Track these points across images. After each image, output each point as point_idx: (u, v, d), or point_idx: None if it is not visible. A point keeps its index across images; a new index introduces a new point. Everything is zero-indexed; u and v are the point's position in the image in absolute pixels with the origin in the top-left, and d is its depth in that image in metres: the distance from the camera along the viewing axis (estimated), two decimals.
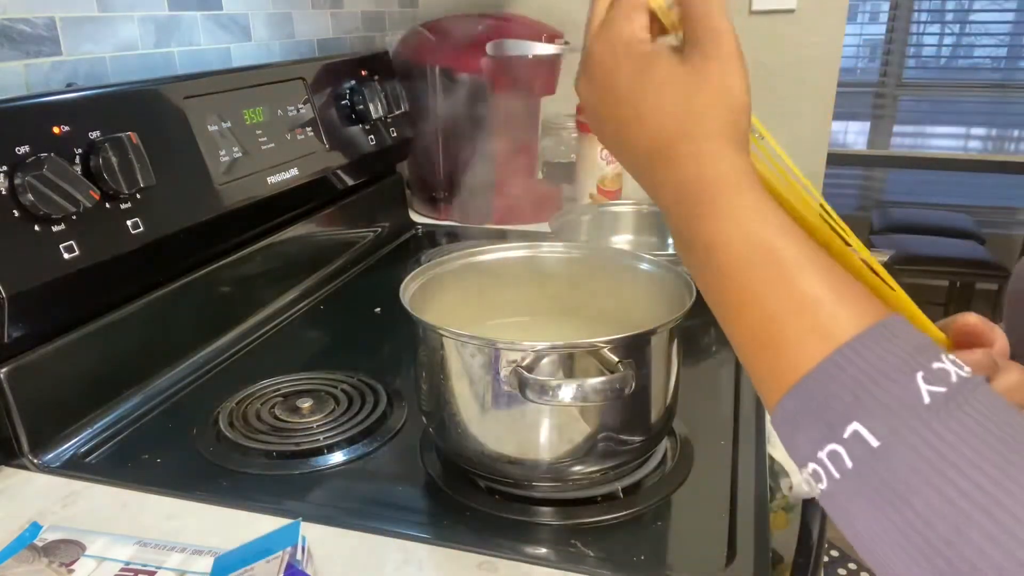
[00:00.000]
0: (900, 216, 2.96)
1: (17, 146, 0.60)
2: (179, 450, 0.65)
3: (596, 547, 0.53)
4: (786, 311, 0.33)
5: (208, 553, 0.50)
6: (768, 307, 0.33)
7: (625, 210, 1.12)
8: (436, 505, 0.58)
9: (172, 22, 0.89)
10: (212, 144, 0.82)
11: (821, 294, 0.32)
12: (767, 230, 0.34)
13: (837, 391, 0.30)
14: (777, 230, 0.34)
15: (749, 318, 0.34)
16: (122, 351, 0.72)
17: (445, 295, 0.64)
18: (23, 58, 0.71)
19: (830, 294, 0.32)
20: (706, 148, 0.37)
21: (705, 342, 0.86)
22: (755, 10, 1.43)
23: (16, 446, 0.62)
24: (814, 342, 0.32)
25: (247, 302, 0.90)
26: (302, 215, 1.01)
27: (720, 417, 0.69)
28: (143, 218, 0.70)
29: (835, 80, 1.46)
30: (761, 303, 0.34)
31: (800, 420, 0.31)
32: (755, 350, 0.35)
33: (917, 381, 0.29)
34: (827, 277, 0.33)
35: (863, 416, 0.29)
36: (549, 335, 0.53)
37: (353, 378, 0.74)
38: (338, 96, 1.07)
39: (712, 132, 0.38)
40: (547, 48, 1.19)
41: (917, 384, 0.29)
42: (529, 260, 0.70)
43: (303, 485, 0.60)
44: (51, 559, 0.49)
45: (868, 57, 3.38)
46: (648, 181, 0.40)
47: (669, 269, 0.64)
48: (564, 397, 0.49)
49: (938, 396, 0.29)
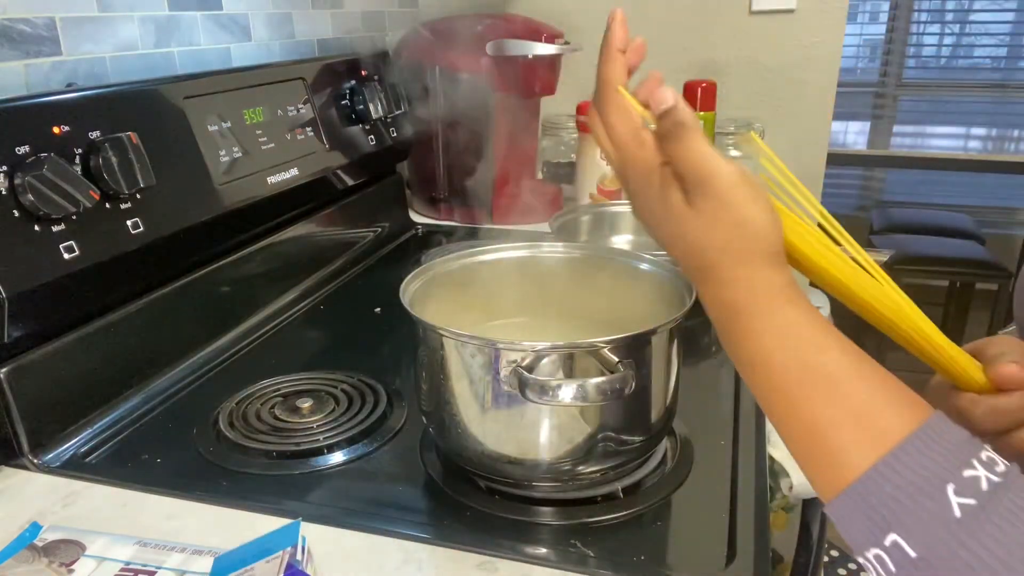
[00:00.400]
0: (900, 216, 2.96)
1: (17, 146, 0.60)
2: (179, 450, 0.65)
3: (596, 547, 0.53)
4: (831, 423, 0.36)
5: (208, 553, 0.50)
6: (814, 419, 0.36)
7: (625, 210, 1.12)
8: (436, 505, 0.58)
9: (172, 22, 0.89)
10: (212, 144, 0.82)
11: (863, 404, 0.35)
12: (805, 347, 0.37)
13: (879, 503, 0.33)
14: (815, 345, 0.37)
15: (798, 428, 0.37)
16: (122, 351, 0.72)
17: (445, 295, 0.64)
18: (23, 58, 0.71)
19: (871, 403, 0.35)
20: (738, 274, 0.39)
21: (705, 342, 0.86)
22: (755, 10, 1.43)
23: (16, 446, 0.62)
24: (860, 450, 0.34)
25: (247, 302, 0.90)
26: (302, 215, 1.01)
27: (720, 417, 0.69)
28: (143, 218, 0.70)
29: (835, 80, 1.46)
30: (808, 415, 0.36)
31: (850, 521, 0.35)
32: (805, 456, 0.37)
33: (948, 495, 0.32)
34: (868, 385, 0.36)
35: (900, 529, 0.32)
36: (549, 335, 0.53)
37: (353, 378, 0.74)
38: (338, 96, 1.07)
39: (740, 260, 0.39)
40: (547, 48, 1.19)
41: (948, 498, 0.32)
42: (529, 260, 0.70)
43: (303, 485, 0.60)
44: (51, 559, 0.49)
45: (868, 57, 3.38)
46: (699, 293, 0.43)
47: (669, 269, 0.64)
48: (564, 397, 0.49)
49: (968, 508, 0.32)
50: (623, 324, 0.54)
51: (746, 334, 0.39)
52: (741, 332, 0.39)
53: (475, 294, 0.67)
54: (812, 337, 0.38)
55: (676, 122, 0.40)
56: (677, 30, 1.45)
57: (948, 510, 0.32)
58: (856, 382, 0.36)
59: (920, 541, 0.32)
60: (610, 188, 1.27)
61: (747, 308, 0.39)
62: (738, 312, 0.39)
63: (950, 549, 0.31)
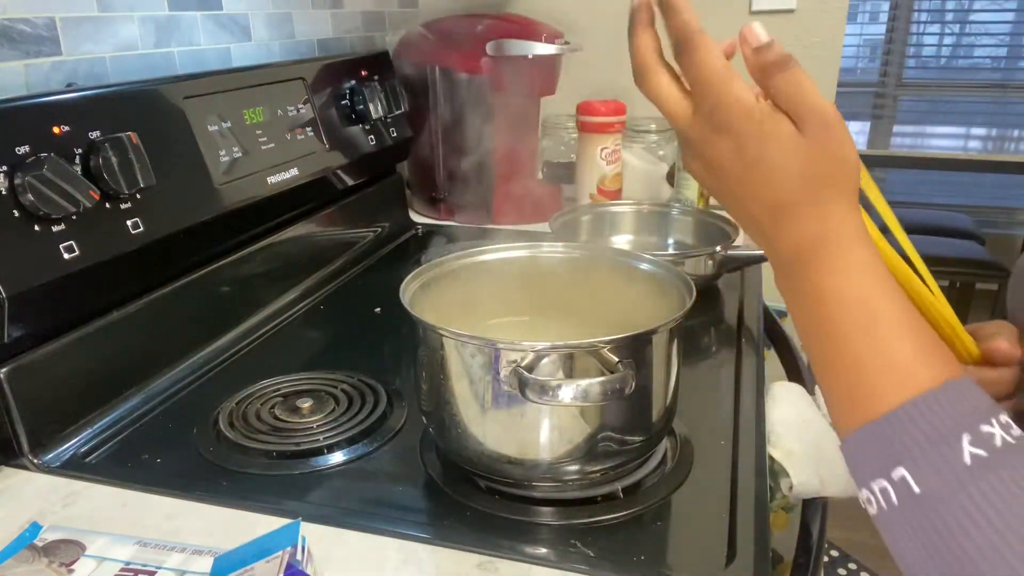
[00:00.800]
0: (900, 216, 2.93)
1: (17, 146, 0.60)
2: (179, 450, 0.65)
3: (596, 547, 0.53)
4: (874, 363, 0.38)
5: (208, 553, 0.50)
6: (860, 357, 0.39)
7: (625, 210, 1.12)
8: (436, 505, 0.58)
9: (172, 22, 0.89)
10: (212, 144, 0.82)
11: (905, 353, 0.38)
12: (872, 287, 0.40)
13: (896, 440, 0.36)
14: (879, 288, 0.40)
15: (842, 362, 0.40)
16: (122, 351, 0.72)
17: (445, 295, 0.64)
18: (23, 58, 0.71)
19: (913, 354, 0.38)
20: (828, 209, 0.41)
21: (705, 342, 0.86)
22: (755, 10, 1.43)
23: (16, 446, 0.62)
24: (891, 394, 0.37)
25: (247, 302, 0.90)
26: (302, 215, 1.01)
27: (720, 417, 0.69)
28: (143, 218, 0.70)
29: (835, 80, 1.46)
30: (855, 353, 0.39)
31: (864, 453, 0.38)
32: (841, 388, 0.40)
33: (963, 443, 0.34)
34: (915, 337, 0.38)
35: (911, 465, 0.35)
36: (549, 335, 0.53)
37: (353, 378, 0.74)
38: (338, 96, 1.07)
39: (833, 195, 0.41)
40: (547, 48, 1.19)
41: (962, 446, 0.34)
42: (529, 260, 0.70)
43: (303, 485, 0.60)
44: (51, 559, 0.49)
45: (868, 57, 3.38)
46: (766, 232, 0.44)
47: (669, 269, 0.64)
48: (564, 397, 0.49)
49: (978, 458, 0.34)
50: (623, 324, 0.54)
51: (828, 268, 0.41)
52: (821, 266, 0.41)
53: (475, 294, 0.67)
54: (881, 281, 0.40)
55: (781, 55, 0.41)
56: None
57: (959, 456, 0.34)
58: (906, 332, 0.38)
59: (926, 479, 0.34)
60: (610, 188, 1.27)
61: (835, 242, 0.41)
62: (825, 244, 0.41)
63: (951, 490, 0.33)
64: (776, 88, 0.42)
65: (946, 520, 0.34)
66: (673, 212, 1.11)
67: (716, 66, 0.42)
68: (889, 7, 3.20)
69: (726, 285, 1.00)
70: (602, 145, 1.24)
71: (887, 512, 0.36)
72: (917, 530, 0.35)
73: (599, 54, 1.49)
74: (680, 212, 1.11)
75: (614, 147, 1.25)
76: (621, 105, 1.25)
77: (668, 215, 1.11)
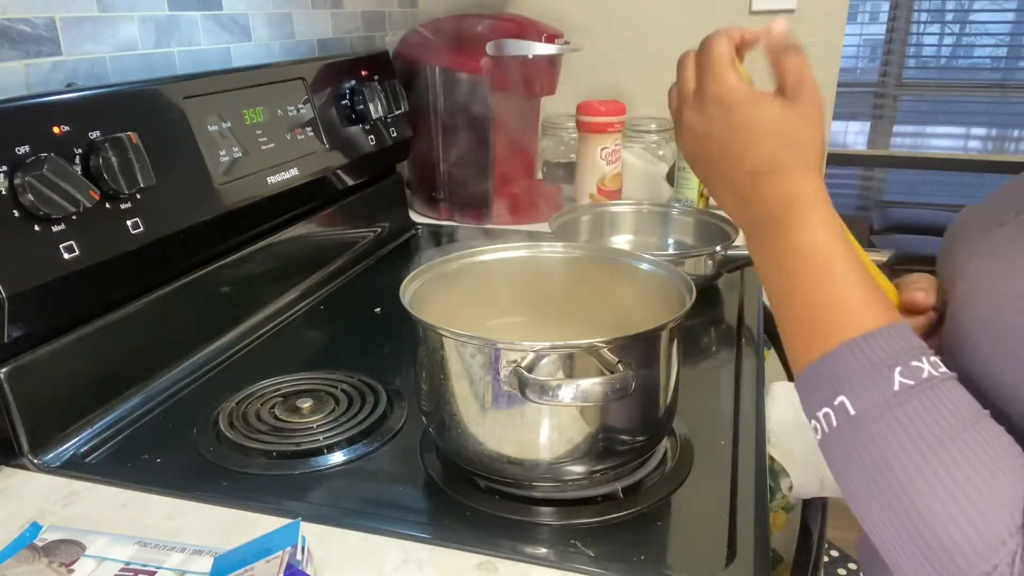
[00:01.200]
0: (900, 216, 2.96)
1: (17, 146, 0.60)
2: (179, 450, 0.65)
3: (596, 547, 0.53)
4: (826, 305, 0.44)
5: (208, 553, 0.50)
6: (817, 301, 0.44)
7: (625, 210, 1.12)
8: (436, 505, 0.58)
9: (172, 22, 0.89)
10: (212, 144, 0.82)
11: (855, 299, 0.43)
12: (833, 241, 0.45)
13: (840, 371, 0.41)
14: (838, 244, 0.45)
15: (799, 306, 0.45)
16: (122, 351, 0.72)
17: (445, 295, 0.64)
18: (23, 58, 0.71)
19: (861, 300, 0.43)
20: (804, 174, 0.47)
21: (705, 342, 0.86)
22: (755, 10, 1.43)
23: (16, 446, 0.62)
24: (838, 333, 0.42)
25: (247, 302, 0.90)
26: (302, 215, 1.01)
27: (720, 417, 0.69)
28: (143, 218, 0.70)
29: (835, 80, 1.46)
30: (813, 297, 0.44)
31: (813, 385, 0.43)
32: (796, 329, 0.45)
33: (894, 373, 0.39)
34: (863, 286, 0.43)
35: (849, 392, 0.40)
36: (549, 335, 0.53)
37: (353, 378, 0.74)
38: (338, 96, 1.07)
39: (807, 160, 0.48)
40: (547, 48, 1.19)
41: (893, 376, 0.39)
42: (529, 260, 0.70)
43: (303, 485, 0.60)
44: (51, 559, 0.49)
45: (868, 57, 3.38)
46: (746, 196, 0.49)
47: (669, 269, 0.64)
48: (564, 397, 0.49)
49: (905, 386, 0.39)
50: (623, 324, 0.54)
51: (797, 224, 0.46)
52: (793, 222, 0.46)
53: (475, 294, 0.67)
54: (839, 237, 0.45)
55: (791, 40, 0.49)
56: (677, 30, 1.45)
57: (890, 384, 0.39)
58: (857, 281, 0.44)
59: (860, 402, 0.40)
60: (610, 188, 1.27)
61: (804, 201, 0.46)
62: (800, 203, 0.46)
63: (880, 412, 0.39)
64: (783, 63, 0.48)
65: (874, 437, 0.39)
66: (673, 212, 1.11)
67: (721, 51, 0.50)
68: (889, 7, 3.20)
69: (726, 285, 1.00)
70: (602, 145, 1.24)
71: (828, 435, 0.41)
72: (850, 448, 0.40)
73: (599, 54, 1.49)
74: (680, 212, 1.11)
75: (614, 147, 1.25)
76: (621, 105, 1.25)
77: (668, 215, 1.11)
